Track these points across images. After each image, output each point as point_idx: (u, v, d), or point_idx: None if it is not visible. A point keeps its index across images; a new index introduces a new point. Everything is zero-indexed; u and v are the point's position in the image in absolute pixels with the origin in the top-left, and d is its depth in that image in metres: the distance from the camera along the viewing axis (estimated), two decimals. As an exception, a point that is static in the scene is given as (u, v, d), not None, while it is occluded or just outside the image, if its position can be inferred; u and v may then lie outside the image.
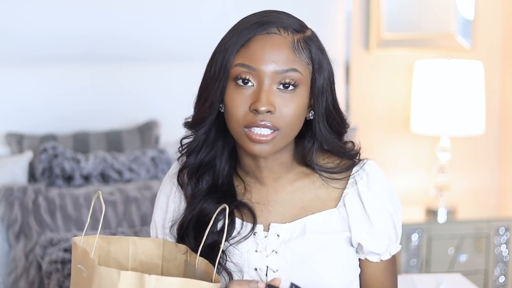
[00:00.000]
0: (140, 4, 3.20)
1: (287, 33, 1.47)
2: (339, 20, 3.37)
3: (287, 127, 1.47)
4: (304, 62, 1.47)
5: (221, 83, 1.47)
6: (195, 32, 3.21)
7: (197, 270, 1.49)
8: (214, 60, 1.49)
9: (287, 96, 1.46)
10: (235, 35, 1.48)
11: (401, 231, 1.59)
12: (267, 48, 1.45)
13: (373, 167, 1.56)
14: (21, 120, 3.06)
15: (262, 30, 1.46)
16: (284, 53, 1.45)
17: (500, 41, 3.65)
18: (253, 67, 1.45)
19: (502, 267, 3.41)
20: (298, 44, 1.47)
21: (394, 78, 3.57)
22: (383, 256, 1.58)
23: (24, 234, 2.67)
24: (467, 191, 3.68)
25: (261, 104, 1.43)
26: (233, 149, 1.57)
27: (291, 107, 1.46)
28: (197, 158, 1.55)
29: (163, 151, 2.97)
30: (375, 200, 1.55)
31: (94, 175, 2.86)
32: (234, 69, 1.46)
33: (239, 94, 1.46)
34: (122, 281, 1.34)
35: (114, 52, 3.16)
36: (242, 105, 1.45)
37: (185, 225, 1.55)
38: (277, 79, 1.45)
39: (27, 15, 3.09)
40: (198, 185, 1.56)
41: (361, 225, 1.54)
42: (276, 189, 1.56)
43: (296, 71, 1.46)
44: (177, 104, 3.18)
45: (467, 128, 3.36)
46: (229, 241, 1.53)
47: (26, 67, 3.08)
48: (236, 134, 1.48)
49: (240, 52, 1.46)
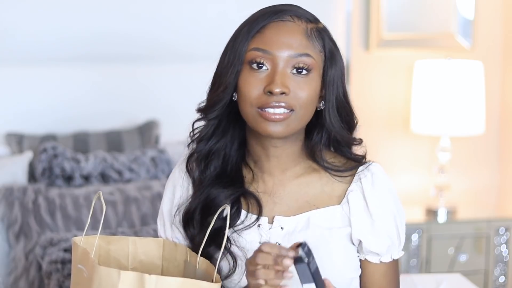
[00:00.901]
0: (140, 4, 3.20)
1: (301, 21, 1.51)
2: (339, 20, 3.37)
3: (301, 109, 1.49)
4: (317, 49, 1.51)
5: (235, 68, 1.50)
6: (196, 33, 3.20)
7: (197, 270, 1.50)
8: (228, 47, 1.53)
9: (300, 80, 1.49)
10: (248, 23, 1.52)
11: (404, 236, 1.59)
12: (282, 33, 1.49)
13: (378, 168, 1.58)
14: (21, 120, 3.06)
15: (277, 17, 1.50)
16: (298, 38, 1.49)
17: (500, 41, 3.65)
18: (268, 50, 1.48)
19: (502, 267, 3.41)
20: (312, 32, 1.51)
21: (394, 78, 3.57)
22: (383, 257, 1.57)
23: (24, 234, 2.67)
24: (467, 191, 3.68)
25: (275, 86, 1.46)
26: (243, 140, 1.59)
27: (306, 90, 1.49)
28: (207, 145, 1.57)
29: (163, 151, 2.97)
30: (378, 199, 1.55)
31: (94, 175, 2.85)
32: (249, 54, 1.49)
33: (253, 77, 1.49)
34: (123, 281, 1.34)
35: (114, 52, 3.16)
36: (256, 87, 1.48)
37: (192, 210, 1.57)
38: (291, 63, 1.48)
39: (27, 15, 3.09)
40: (206, 170, 1.58)
41: (362, 222, 1.55)
42: (282, 182, 1.58)
43: (310, 56, 1.49)
44: (177, 104, 3.20)
45: (467, 128, 3.36)
46: (233, 228, 1.55)
47: (26, 67, 3.08)
48: (249, 116, 1.50)
49: (255, 38, 1.50)
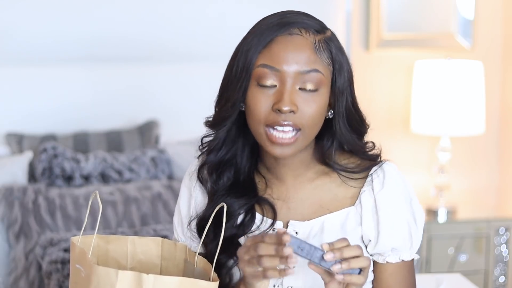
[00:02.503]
0: (140, 4, 3.20)
1: (308, 34, 1.49)
2: (339, 20, 3.37)
3: (309, 127, 1.48)
4: (325, 62, 1.49)
5: (243, 84, 1.49)
6: (196, 33, 3.20)
7: (196, 269, 1.50)
8: (235, 61, 1.51)
9: (308, 97, 1.47)
10: (256, 37, 1.49)
11: (419, 238, 1.57)
12: (290, 49, 1.47)
13: (392, 168, 1.58)
14: (21, 120, 3.06)
15: (284, 31, 1.48)
16: (306, 54, 1.47)
17: (500, 41, 3.65)
18: (276, 67, 1.46)
19: (502, 267, 3.41)
20: (320, 45, 1.49)
21: (394, 78, 3.57)
22: (389, 258, 1.55)
23: (24, 234, 2.67)
24: (467, 191, 3.68)
25: (284, 104, 1.45)
26: (253, 146, 1.58)
27: (313, 107, 1.48)
28: (217, 156, 1.57)
29: (163, 151, 2.97)
30: (387, 199, 1.55)
31: (94, 175, 2.86)
32: (257, 70, 1.47)
33: (261, 94, 1.47)
34: (120, 281, 1.34)
35: (114, 52, 3.16)
36: (264, 104, 1.47)
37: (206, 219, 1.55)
38: (299, 79, 1.47)
39: (27, 16, 3.09)
40: (219, 181, 1.57)
41: (370, 221, 1.54)
42: (295, 187, 1.57)
43: (318, 72, 1.47)
44: (177, 104, 3.21)
45: (467, 128, 3.36)
46: (247, 235, 1.54)
47: (26, 67, 3.08)
48: (257, 134, 1.50)
49: (263, 53, 1.48)
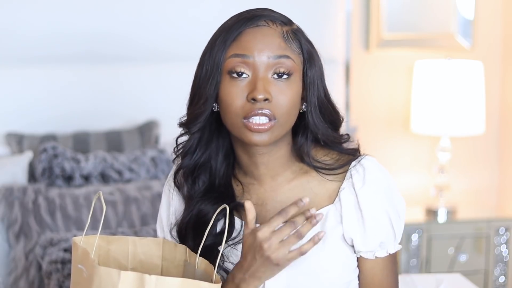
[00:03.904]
0: (140, 4, 3.20)
1: (275, 25, 1.49)
2: (339, 20, 3.37)
3: (284, 116, 1.47)
4: (295, 51, 1.49)
5: (215, 79, 1.48)
6: (195, 32, 3.20)
7: (197, 270, 1.49)
8: (205, 58, 1.51)
9: (282, 85, 1.47)
10: (223, 32, 1.50)
11: (401, 230, 1.56)
12: (259, 38, 1.47)
13: (371, 162, 1.55)
14: (21, 120, 3.06)
15: (251, 24, 1.48)
16: (276, 41, 1.47)
17: (500, 41, 3.65)
18: (247, 54, 1.46)
19: (502, 267, 3.41)
20: (288, 35, 1.49)
21: (394, 78, 3.57)
22: (378, 253, 1.55)
23: (24, 234, 2.67)
24: (467, 191, 3.68)
25: (258, 92, 1.44)
26: (228, 150, 1.57)
27: (287, 95, 1.47)
28: (192, 159, 1.55)
29: (163, 151, 2.96)
30: (369, 195, 1.53)
31: (94, 175, 2.85)
32: (228, 62, 1.47)
33: (234, 86, 1.47)
34: (123, 281, 1.34)
35: (114, 52, 3.16)
36: (239, 96, 1.46)
37: (184, 226, 1.55)
38: (271, 67, 1.46)
39: (27, 15, 3.09)
40: (195, 186, 1.56)
41: (352, 219, 1.52)
42: (273, 189, 1.55)
43: (289, 58, 1.47)
44: (177, 104, 3.19)
45: (467, 128, 3.36)
46: (227, 242, 1.53)
47: (26, 67, 3.08)
48: (234, 127, 1.48)
49: (231, 46, 1.48)
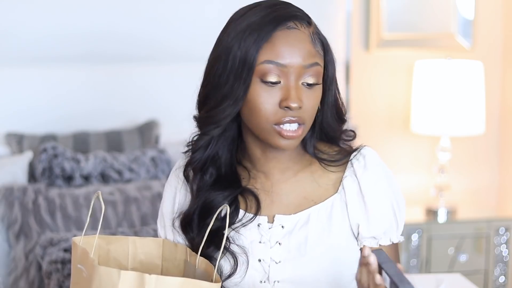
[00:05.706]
0: (140, 4, 3.20)
1: (303, 27, 1.49)
2: (339, 20, 3.37)
3: (310, 119, 1.50)
4: (320, 54, 1.50)
5: (246, 81, 1.46)
6: (196, 32, 3.20)
7: (197, 270, 1.49)
8: (229, 56, 1.47)
9: (309, 91, 1.48)
10: (254, 32, 1.46)
11: (403, 220, 1.57)
12: (291, 44, 1.46)
13: (370, 151, 1.57)
14: (21, 120, 3.06)
15: (282, 25, 1.47)
16: (307, 48, 1.47)
17: (500, 41, 3.65)
18: (281, 63, 1.45)
19: (502, 267, 3.41)
20: (314, 37, 1.50)
21: (394, 78, 3.57)
22: (381, 240, 1.55)
23: (24, 234, 2.67)
24: (467, 191, 3.68)
25: (292, 101, 1.45)
26: (233, 139, 1.57)
27: (315, 100, 1.49)
28: (205, 153, 1.56)
29: (163, 151, 2.96)
30: (371, 181, 1.54)
31: (94, 175, 2.85)
32: (260, 67, 1.45)
33: (266, 91, 1.46)
34: (123, 281, 1.34)
35: (114, 52, 3.16)
36: (271, 102, 1.46)
37: (191, 214, 1.56)
38: (301, 74, 1.47)
39: (27, 15, 3.09)
40: (203, 179, 1.56)
41: (357, 205, 1.53)
42: (280, 181, 1.56)
43: (318, 65, 1.49)
44: (177, 104, 3.19)
45: (467, 128, 3.36)
46: (231, 227, 1.54)
47: (26, 67, 3.08)
48: (263, 131, 1.48)
49: (264, 48, 1.46)
